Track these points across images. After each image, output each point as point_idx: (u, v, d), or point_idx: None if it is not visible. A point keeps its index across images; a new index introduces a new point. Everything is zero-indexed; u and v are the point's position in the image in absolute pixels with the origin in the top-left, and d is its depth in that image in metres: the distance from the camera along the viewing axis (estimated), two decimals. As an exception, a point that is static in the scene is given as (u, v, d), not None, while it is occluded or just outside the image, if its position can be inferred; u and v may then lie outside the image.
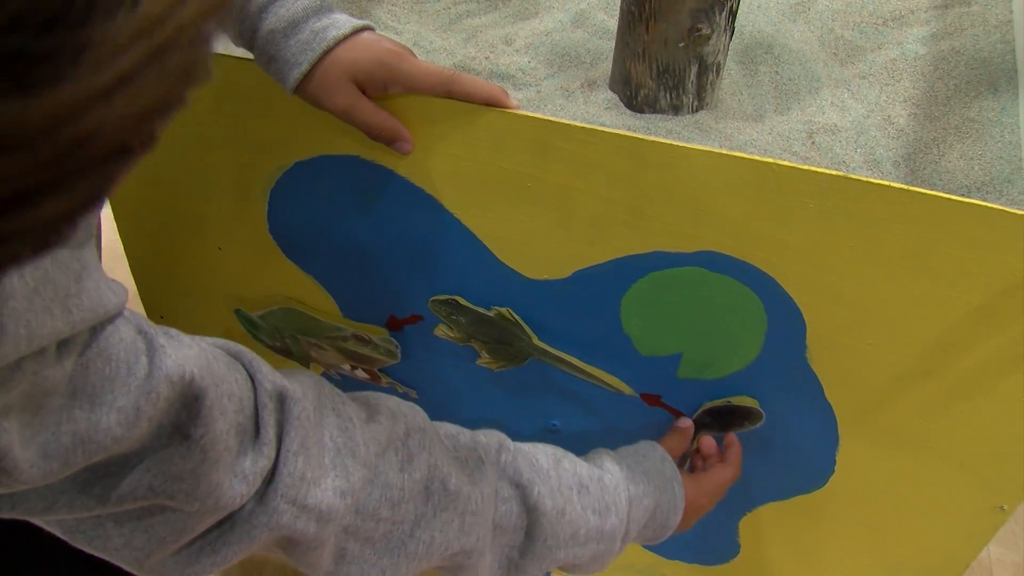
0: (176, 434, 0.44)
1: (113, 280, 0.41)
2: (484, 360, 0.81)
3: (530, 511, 0.63)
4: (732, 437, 0.78)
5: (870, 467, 0.75)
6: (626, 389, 0.78)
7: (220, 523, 0.50)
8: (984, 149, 0.74)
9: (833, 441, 0.75)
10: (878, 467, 0.75)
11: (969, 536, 0.77)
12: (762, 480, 0.82)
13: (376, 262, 0.79)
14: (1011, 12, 0.87)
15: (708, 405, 0.76)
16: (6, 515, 0.41)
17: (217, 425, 0.46)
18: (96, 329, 0.40)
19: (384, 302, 0.82)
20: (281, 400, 0.52)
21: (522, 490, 0.63)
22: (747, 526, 0.89)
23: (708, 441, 0.78)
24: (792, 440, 0.76)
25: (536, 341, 0.77)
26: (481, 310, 0.77)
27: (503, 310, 0.76)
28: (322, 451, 0.54)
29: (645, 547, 0.99)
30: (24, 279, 0.34)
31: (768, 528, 0.87)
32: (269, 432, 0.50)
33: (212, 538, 0.49)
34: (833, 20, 0.93)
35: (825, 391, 0.71)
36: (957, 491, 0.73)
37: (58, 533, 0.46)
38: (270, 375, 0.53)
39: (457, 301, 0.77)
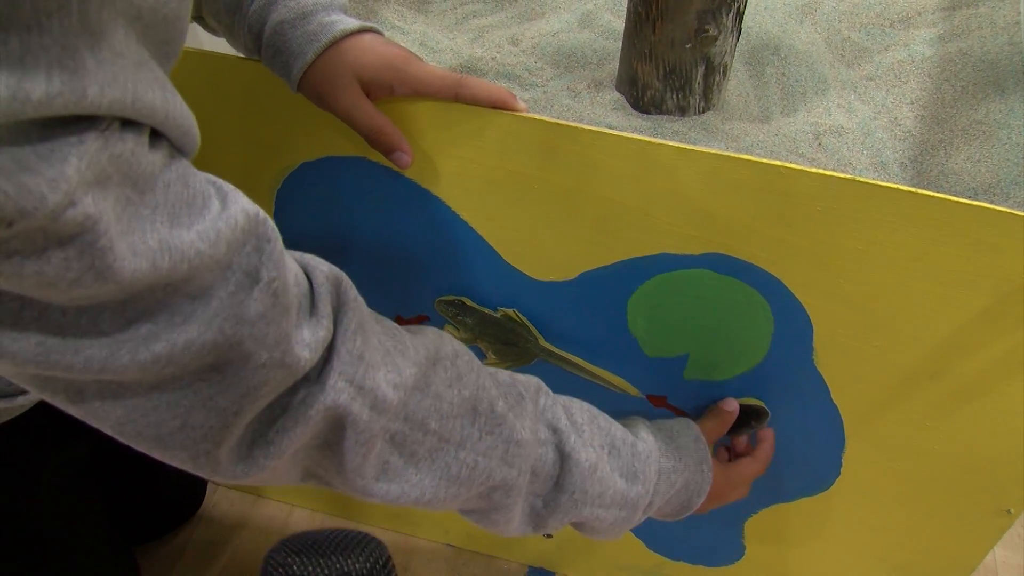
0: (247, 279, 0.44)
1: (173, 96, 0.41)
2: (491, 361, 0.82)
3: (564, 459, 0.61)
4: (768, 433, 0.77)
5: (876, 469, 0.75)
6: (632, 390, 0.78)
7: (273, 408, 0.48)
8: (991, 151, 0.74)
9: (839, 443, 0.75)
10: (884, 469, 0.75)
11: (975, 539, 0.77)
12: (768, 482, 0.82)
13: (382, 263, 0.79)
14: (1019, 14, 0.87)
15: (714, 407, 0.76)
16: (65, 371, 0.40)
17: (287, 274, 0.46)
18: (174, 153, 0.41)
19: (390, 302, 0.83)
20: (337, 283, 0.52)
21: (559, 435, 0.62)
22: (752, 528, 0.89)
23: (740, 438, 0.78)
24: (798, 442, 0.76)
25: (543, 342, 0.78)
26: (487, 311, 0.77)
27: (510, 311, 0.76)
28: (376, 345, 0.53)
29: (649, 548, 0.99)
30: (131, 51, 0.35)
31: (773, 530, 0.87)
32: (326, 308, 0.50)
33: (264, 426, 0.48)
34: (840, 21, 0.93)
35: (832, 393, 0.71)
36: (963, 494, 0.73)
37: (107, 428, 0.45)
38: (323, 263, 0.52)
39: (463, 302, 0.78)
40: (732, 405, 0.75)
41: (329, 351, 0.50)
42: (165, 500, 1.15)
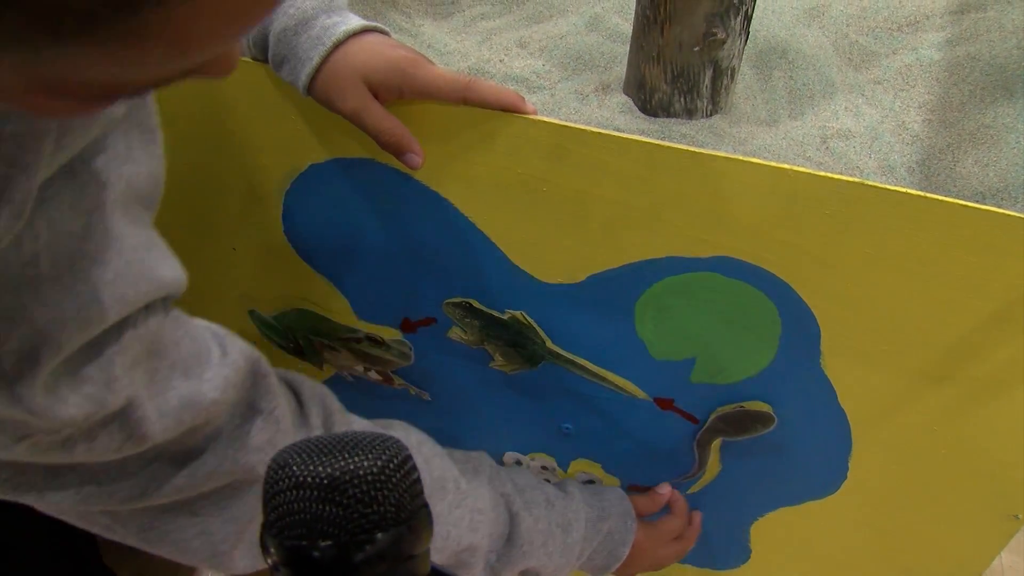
0: (250, 410, 0.50)
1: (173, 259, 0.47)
2: (498, 363, 0.82)
3: (512, 517, 0.71)
4: (674, 495, 0.85)
5: (883, 473, 0.75)
6: (639, 393, 0.78)
7: None
8: (999, 155, 0.73)
9: (846, 447, 0.75)
10: (891, 474, 0.75)
11: (982, 544, 0.76)
12: (774, 485, 0.82)
13: (390, 265, 0.79)
14: (1028, 18, 0.87)
15: (721, 410, 0.76)
16: (102, 506, 0.46)
17: (283, 402, 0.52)
18: (173, 309, 0.47)
19: (398, 304, 0.83)
20: (323, 397, 0.59)
21: (506, 499, 0.72)
22: (758, 531, 0.89)
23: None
24: (805, 446, 0.76)
25: (550, 344, 0.78)
26: (495, 313, 0.77)
27: (517, 313, 0.76)
28: None
29: None
30: (140, 237, 0.41)
31: (779, 533, 0.87)
32: (316, 419, 0.57)
33: None
34: (848, 25, 0.93)
35: (839, 397, 0.71)
36: (971, 499, 0.73)
37: (132, 534, 0.50)
38: (308, 379, 0.60)
39: (471, 304, 0.78)
40: (665, 489, 0.84)
41: None
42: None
